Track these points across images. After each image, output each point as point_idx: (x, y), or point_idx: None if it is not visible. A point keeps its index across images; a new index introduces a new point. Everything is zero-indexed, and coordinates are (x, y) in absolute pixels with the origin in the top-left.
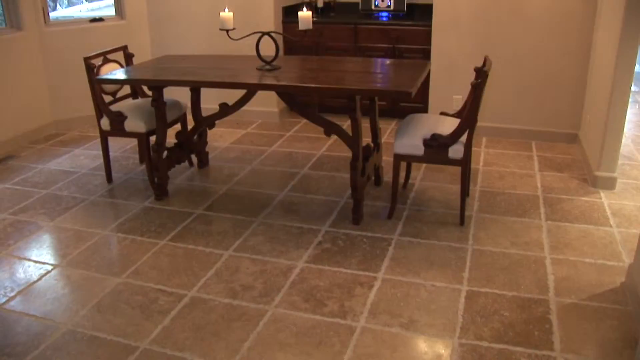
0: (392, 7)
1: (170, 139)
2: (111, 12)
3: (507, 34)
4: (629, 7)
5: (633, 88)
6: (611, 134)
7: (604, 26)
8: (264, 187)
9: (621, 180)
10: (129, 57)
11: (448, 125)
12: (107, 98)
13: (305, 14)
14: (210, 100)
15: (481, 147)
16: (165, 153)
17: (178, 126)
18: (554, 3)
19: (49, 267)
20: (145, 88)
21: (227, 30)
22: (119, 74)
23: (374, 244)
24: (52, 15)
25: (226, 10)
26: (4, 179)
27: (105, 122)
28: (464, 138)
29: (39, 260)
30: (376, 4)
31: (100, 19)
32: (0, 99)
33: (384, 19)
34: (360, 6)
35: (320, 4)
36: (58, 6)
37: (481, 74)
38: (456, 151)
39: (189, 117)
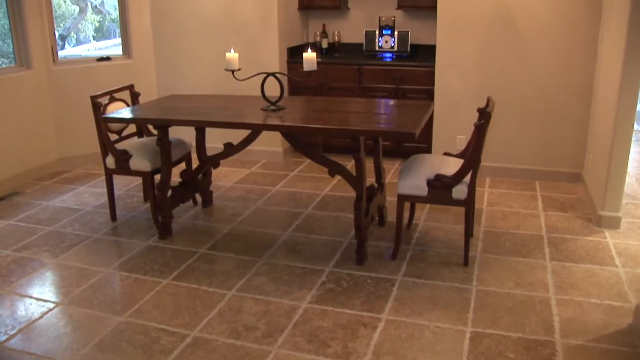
0: (395, 48)
1: (175, 178)
2: (118, 51)
3: (509, 74)
4: (629, 48)
5: (636, 127)
6: (615, 173)
7: (606, 66)
8: (268, 227)
9: (626, 219)
10: (135, 96)
11: (451, 166)
12: (113, 136)
13: (309, 55)
14: (215, 140)
15: (485, 187)
16: (169, 192)
17: (183, 165)
18: (556, 43)
19: (51, 305)
20: (150, 127)
21: (233, 71)
22: (125, 113)
23: (377, 285)
24: (61, 53)
25: (232, 51)
26: (8, 215)
27: (110, 161)
28: (467, 178)
29: (41, 297)
30: (380, 45)
31: (108, 58)
32: (7, 135)
33: (388, 59)
34: (364, 47)
35: (324, 44)
36: (66, 44)
37: (484, 114)
38: (460, 192)
39: (194, 156)
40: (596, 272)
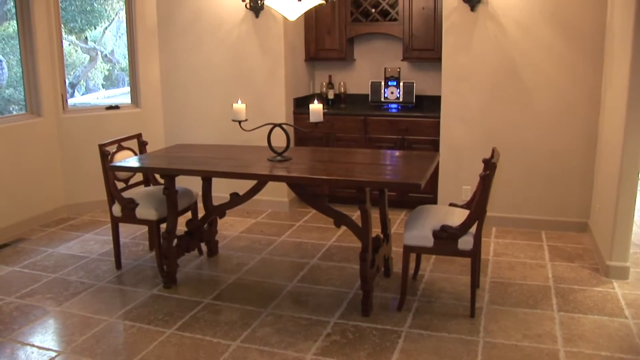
0: (401, 99)
1: (181, 227)
2: (127, 99)
3: (514, 125)
4: (632, 97)
5: None
6: (621, 223)
7: (609, 116)
8: (273, 277)
9: (634, 269)
10: (142, 145)
11: (457, 217)
12: (120, 184)
13: (316, 106)
14: (222, 189)
15: (491, 237)
16: (175, 241)
17: (189, 214)
18: (559, 94)
19: (53, 354)
20: (157, 176)
21: (240, 122)
22: (133, 162)
23: (383, 337)
24: (70, 101)
25: (239, 101)
26: (13, 261)
27: (116, 209)
28: (473, 229)
29: (42, 346)
30: (386, 96)
31: (116, 107)
32: (15, 181)
33: (394, 110)
34: (370, 98)
35: (330, 95)
36: (76, 92)
37: (489, 165)
38: (466, 242)
39: (200, 205)
40: (605, 324)
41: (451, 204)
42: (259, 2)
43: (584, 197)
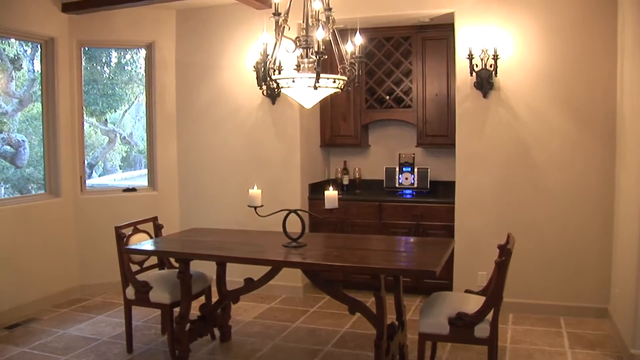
0: (415, 185)
1: (194, 311)
2: (144, 181)
3: (528, 208)
4: None
5: None
6: None
7: (625, 197)
8: None
9: None
10: (158, 228)
11: (473, 303)
12: (135, 267)
13: (331, 193)
14: (236, 274)
15: (508, 324)
16: (188, 325)
17: (202, 299)
18: (573, 177)
19: None
20: (172, 259)
21: (255, 207)
22: (148, 245)
23: None
24: (88, 182)
25: (255, 187)
26: (23, 342)
27: (130, 291)
28: (489, 316)
29: None
30: (400, 181)
31: (133, 189)
32: (30, 261)
33: (408, 196)
34: (384, 183)
35: (345, 181)
36: (94, 173)
37: (505, 251)
38: (482, 330)
39: (214, 289)
40: None
41: (467, 291)
42: (276, 90)
43: (603, 282)
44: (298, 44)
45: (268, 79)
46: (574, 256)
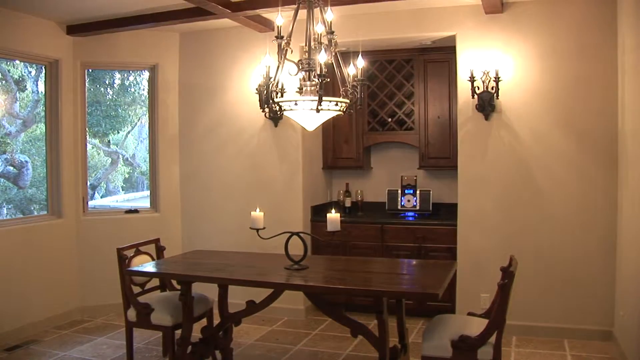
0: (418, 207)
1: (196, 334)
2: (146, 202)
3: (531, 230)
4: None
5: None
6: None
7: (627, 219)
8: None
9: None
10: (160, 250)
11: (476, 326)
12: (136, 289)
13: (333, 216)
14: (238, 296)
15: (511, 347)
16: (189, 348)
17: (204, 321)
18: (576, 199)
19: None
20: (174, 281)
21: (258, 230)
22: (150, 267)
23: None
24: (90, 203)
25: (257, 210)
26: None
27: (131, 313)
28: (493, 339)
29: None
30: (402, 204)
31: (136, 211)
32: (31, 282)
33: (410, 218)
34: (386, 206)
35: (347, 203)
36: (96, 194)
37: (507, 274)
38: (485, 353)
39: (215, 312)
40: None
41: (469, 313)
42: (278, 112)
43: (607, 304)
44: (300, 67)
45: (271, 101)
46: (577, 278)
